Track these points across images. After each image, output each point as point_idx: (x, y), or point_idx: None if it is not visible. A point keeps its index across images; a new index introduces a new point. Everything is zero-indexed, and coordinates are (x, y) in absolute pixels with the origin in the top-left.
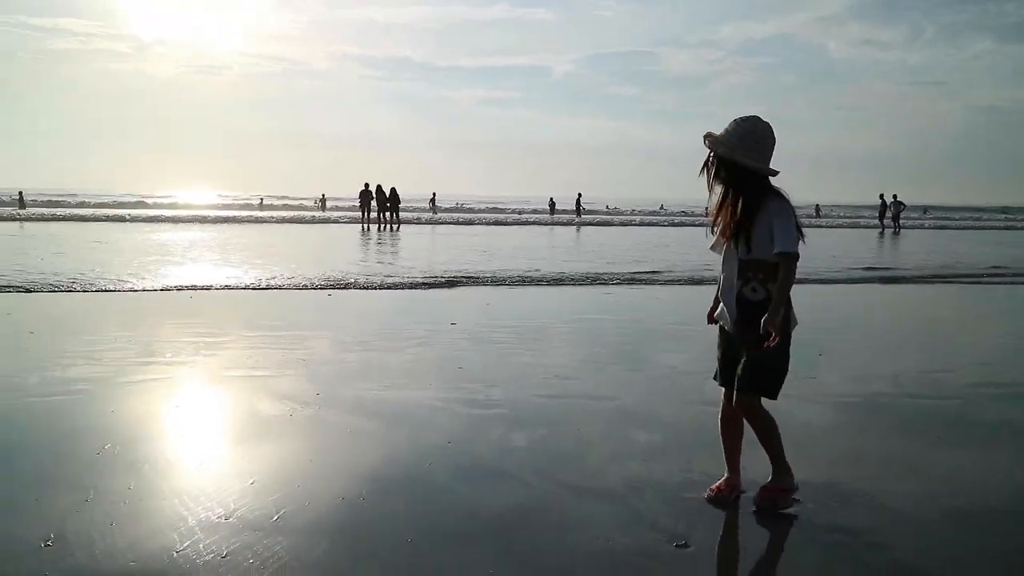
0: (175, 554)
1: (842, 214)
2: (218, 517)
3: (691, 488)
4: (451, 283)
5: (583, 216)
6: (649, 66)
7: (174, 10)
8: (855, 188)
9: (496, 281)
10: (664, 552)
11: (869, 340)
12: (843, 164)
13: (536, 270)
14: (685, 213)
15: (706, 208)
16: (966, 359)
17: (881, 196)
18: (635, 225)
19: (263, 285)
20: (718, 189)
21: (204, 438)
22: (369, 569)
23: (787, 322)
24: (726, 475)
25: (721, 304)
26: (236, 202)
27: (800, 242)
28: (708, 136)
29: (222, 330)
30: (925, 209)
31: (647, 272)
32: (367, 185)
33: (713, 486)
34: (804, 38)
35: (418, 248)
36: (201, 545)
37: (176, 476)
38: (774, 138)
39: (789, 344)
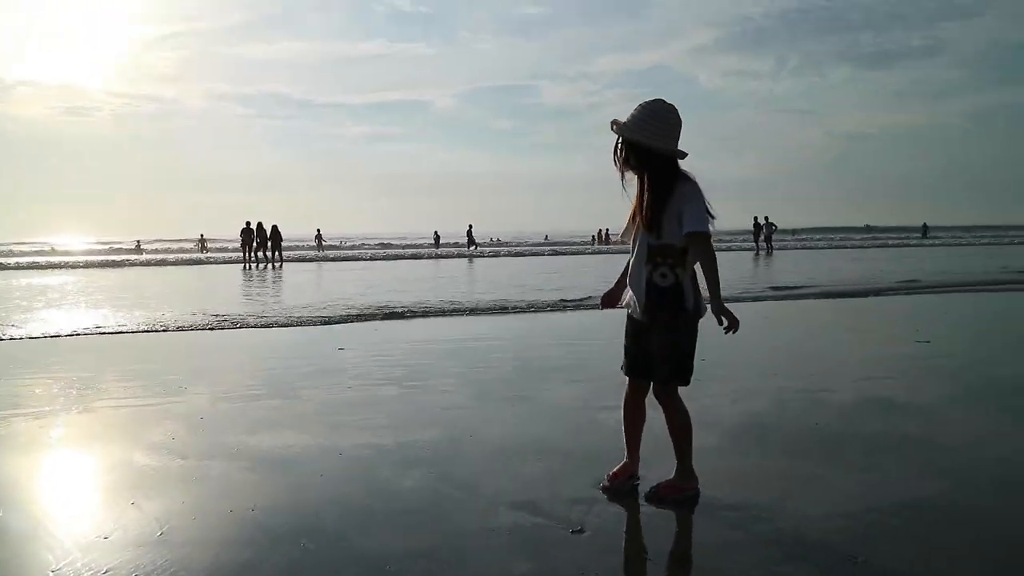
0: (51, 573)
1: (720, 239)
2: (97, 536)
3: (586, 485)
4: (337, 320)
5: (475, 248)
6: (528, 99)
7: (37, 49)
8: (728, 213)
9: (385, 315)
10: (559, 538)
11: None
12: (716, 191)
13: (432, 300)
14: (569, 243)
15: (592, 236)
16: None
17: (755, 218)
18: (526, 255)
19: (129, 329)
20: (629, 176)
21: (79, 466)
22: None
23: (698, 307)
24: (624, 460)
25: (630, 292)
26: (108, 247)
27: (711, 223)
28: (615, 122)
29: (94, 372)
30: (794, 231)
31: (549, 301)
32: (248, 223)
33: (610, 473)
34: (678, 69)
35: (301, 285)
36: (79, 563)
37: (50, 502)
38: (680, 120)
39: (696, 331)
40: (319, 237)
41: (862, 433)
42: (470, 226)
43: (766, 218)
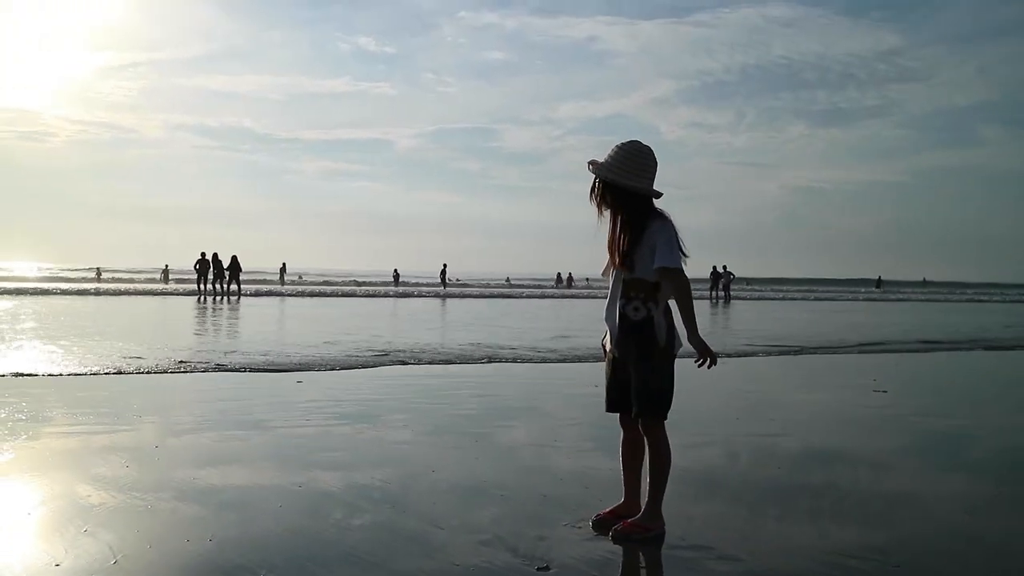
0: None
1: None
2: (46, 564)
3: (552, 522)
4: (291, 368)
5: (448, 287)
6: (491, 142)
7: None
8: (687, 262)
9: (342, 364)
10: (526, 574)
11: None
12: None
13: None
14: (534, 285)
15: (557, 278)
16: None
17: (714, 267)
18: (497, 297)
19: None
20: (607, 215)
21: (29, 495)
22: None
23: (671, 342)
24: (621, 500)
25: (607, 328)
26: (64, 275)
27: (683, 260)
28: (592, 163)
29: (38, 405)
30: (748, 281)
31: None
32: (203, 254)
33: (601, 512)
34: (639, 119)
35: (258, 323)
36: None
37: None
38: (655, 160)
39: (673, 365)
40: (283, 271)
41: (819, 479)
42: (444, 266)
43: (724, 267)
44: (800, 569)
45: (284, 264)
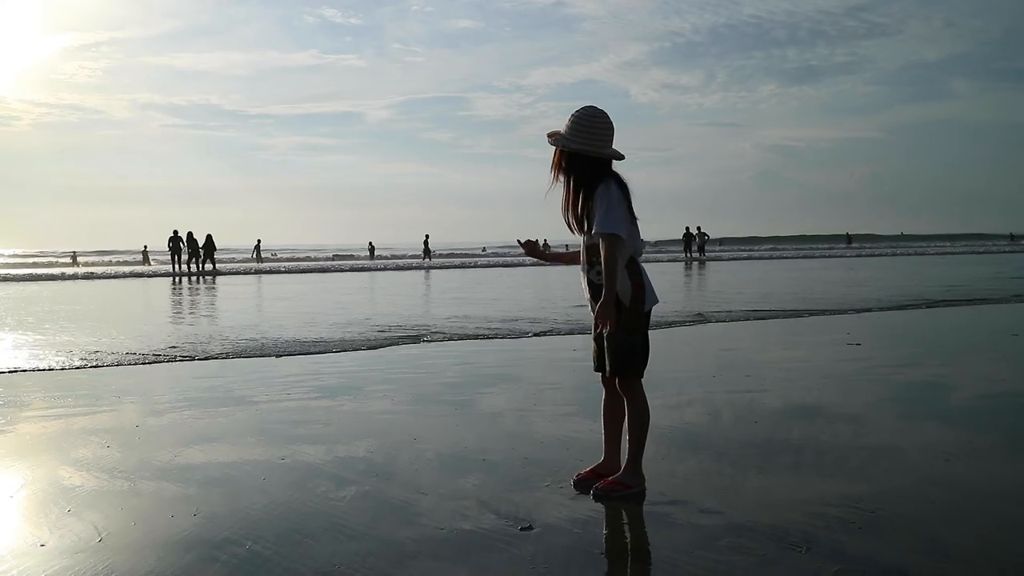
0: None
1: (651, 249)
2: (31, 545)
3: (535, 484)
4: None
5: (431, 259)
6: (462, 111)
7: None
8: (658, 225)
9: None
10: (508, 535)
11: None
12: (650, 202)
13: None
14: (511, 254)
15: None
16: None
17: (687, 228)
18: (480, 267)
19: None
20: (565, 180)
21: (10, 479)
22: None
23: (637, 301)
24: (601, 459)
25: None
26: (38, 261)
27: (632, 224)
28: (552, 134)
29: (16, 391)
30: (720, 241)
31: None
32: (176, 232)
33: (584, 470)
34: (610, 83)
35: (240, 301)
36: (15, 571)
37: None
38: (609, 122)
39: (643, 322)
40: (258, 247)
41: (798, 433)
42: (427, 236)
43: (699, 228)
44: (781, 519)
45: (259, 240)
